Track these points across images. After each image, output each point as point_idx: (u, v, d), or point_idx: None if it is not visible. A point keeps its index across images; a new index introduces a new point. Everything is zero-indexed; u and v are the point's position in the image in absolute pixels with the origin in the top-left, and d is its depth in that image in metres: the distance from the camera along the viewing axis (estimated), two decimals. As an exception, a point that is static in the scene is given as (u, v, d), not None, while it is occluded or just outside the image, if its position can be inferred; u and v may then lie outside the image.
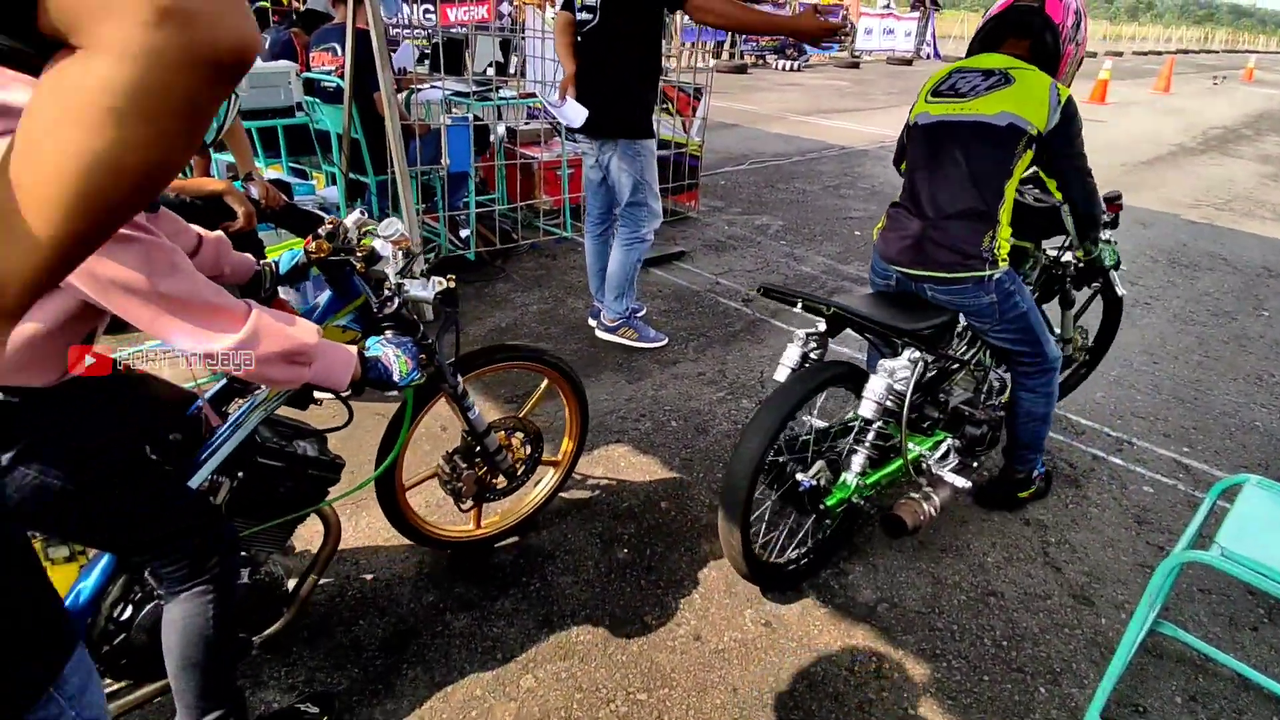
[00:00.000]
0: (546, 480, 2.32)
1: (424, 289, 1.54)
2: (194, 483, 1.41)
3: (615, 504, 2.46)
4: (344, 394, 1.36)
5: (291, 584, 1.76)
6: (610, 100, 3.08)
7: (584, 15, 3.07)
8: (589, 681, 1.83)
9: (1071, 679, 1.92)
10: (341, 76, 3.68)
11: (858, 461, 2.05)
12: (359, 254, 1.51)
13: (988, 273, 2.05)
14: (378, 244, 1.54)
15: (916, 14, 20.30)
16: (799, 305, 2.01)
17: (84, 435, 1.22)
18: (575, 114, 3.12)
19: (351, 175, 3.94)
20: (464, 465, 1.96)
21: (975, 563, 2.29)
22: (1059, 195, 2.16)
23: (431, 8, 7.83)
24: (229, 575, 1.42)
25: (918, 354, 2.02)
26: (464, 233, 4.39)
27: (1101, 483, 2.73)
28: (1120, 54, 27.45)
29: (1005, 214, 2.06)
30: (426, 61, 5.30)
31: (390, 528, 2.03)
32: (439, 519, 2.22)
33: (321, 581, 2.03)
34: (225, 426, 1.45)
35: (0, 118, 0.87)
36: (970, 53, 2.24)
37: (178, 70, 0.47)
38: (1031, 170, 2.17)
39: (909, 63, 18.99)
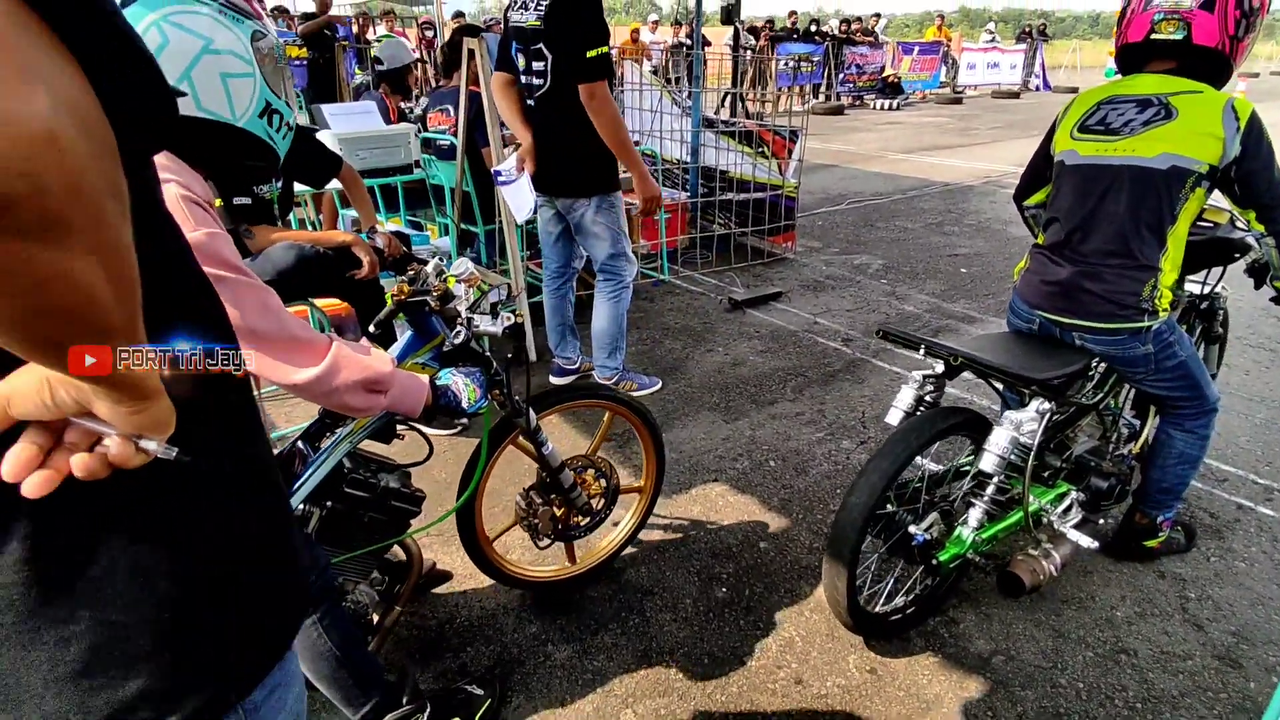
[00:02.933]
0: (631, 512, 2.35)
1: (493, 324, 1.63)
2: None
3: (713, 543, 2.45)
4: (418, 420, 1.45)
5: (376, 616, 1.85)
6: (579, 159, 3.00)
7: (535, 80, 2.98)
8: (688, 720, 1.81)
9: (1219, 749, 1.74)
10: (455, 135, 3.96)
11: (975, 516, 1.94)
12: (435, 294, 1.62)
13: (1146, 324, 1.90)
14: (451, 284, 1.65)
15: (1023, 46, 19.69)
16: (921, 350, 1.92)
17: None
18: (525, 201, 3.05)
19: (463, 225, 4.20)
20: (539, 501, 2.02)
21: (1103, 616, 2.13)
22: (1259, 228, 1.90)
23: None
24: (331, 598, 1.50)
25: (1047, 405, 1.88)
26: (566, 277, 4.55)
27: (1249, 534, 2.48)
28: (1256, 75, 25.53)
29: (1170, 261, 1.89)
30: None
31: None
32: (524, 559, 2.27)
33: (426, 610, 2.14)
34: (316, 457, 1.56)
35: None
36: (1119, 61, 2.02)
37: None
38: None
39: (1016, 95, 18.37)
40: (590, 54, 2.78)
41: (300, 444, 1.66)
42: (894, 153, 10.39)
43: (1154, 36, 1.84)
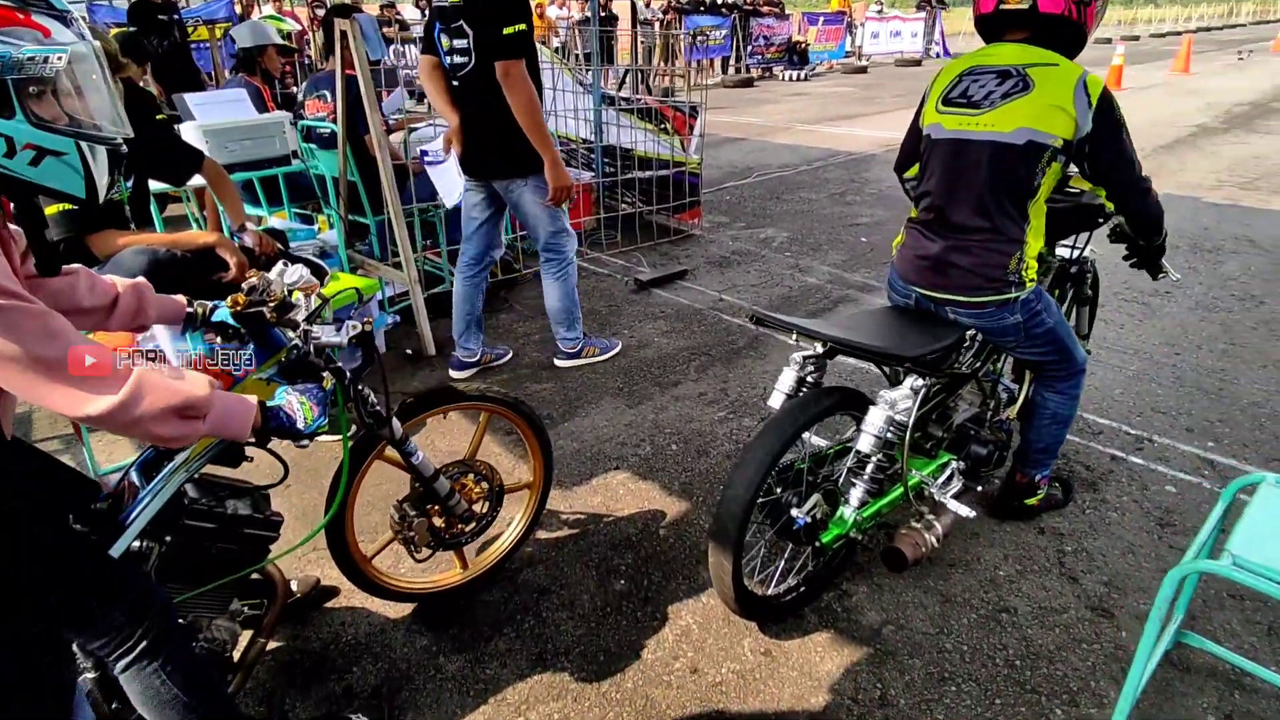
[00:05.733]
0: (522, 511, 2.28)
1: (336, 334, 1.50)
2: (116, 550, 1.38)
3: (613, 534, 2.42)
4: (249, 443, 1.34)
5: (238, 652, 1.73)
6: (509, 140, 2.94)
7: (457, 59, 2.93)
8: (582, 722, 1.78)
9: (1090, 698, 1.82)
10: (334, 121, 3.75)
11: (855, 495, 1.96)
12: (270, 304, 1.50)
13: (1014, 295, 1.93)
14: (295, 296, 1.53)
15: (923, 14, 20.18)
16: (793, 336, 1.91)
17: (2, 513, 1.20)
18: (454, 184, 2.97)
19: (351, 217, 4.00)
20: (414, 514, 1.93)
21: (986, 577, 2.20)
22: (1110, 205, 1.96)
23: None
24: (172, 640, 1.37)
25: (921, 381, 1.91)
26: (466, 266, 4.41)
27: (1120, 484, 2.61)
28: (1136, 38, 26.94)
29: (1033, 233, 1.93)
30: (426, 101, 5.37)
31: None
32: (413, 571, 2.18)
33: (310, 631, 2.03)
34: (146, 490, 1.42)
35: None
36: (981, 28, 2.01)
37: None
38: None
39: (918, 63, 18.83)
40: (507, 30, 2.73)
41: (133, 475, 1.51)
42: (801, 124, 10.51)
43: (1002, 7, 1.86)
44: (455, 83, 3.01)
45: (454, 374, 3.48)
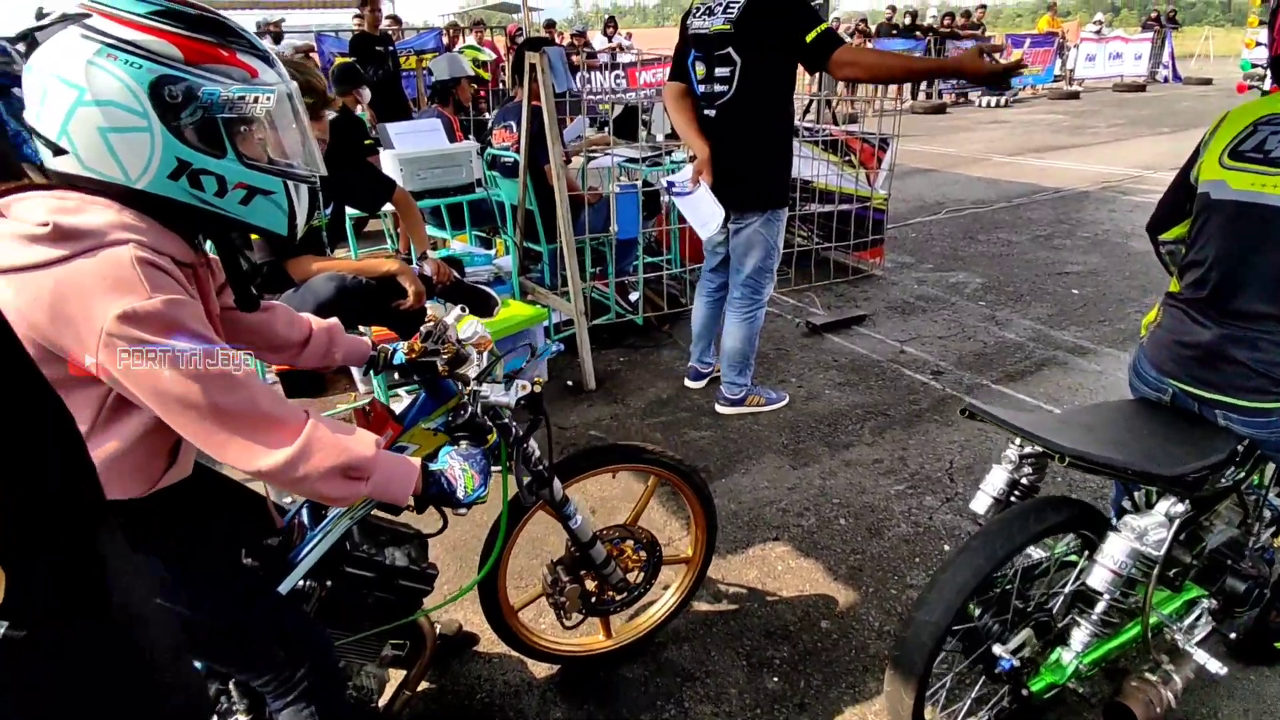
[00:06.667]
0: (676, 585, 2.11)
1: (504, 394, 1.45)
2: (283, 588, 1.39)
3: (769, 618, 2.17)
4: (408, 509, 1.28)
5: (384, 699, 1.68)
6: (754, 173, 2.91)
7: (718, 88, 2.88)
8: None
9: None
10: (518, 151, 3.82)
11: (1079, 638, 1.57)
12: (444, 355, 1.44)
13: None
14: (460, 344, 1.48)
15: (1149, 34, 18.10)
16: (1017, 441, 1.59)
17: (182, 545, 1.23)
18: (712, 214, 2.90)
19: (526, 244, 4.06)
20: (566, 578, 1.81)
21: (1243, 749, 1.73)
22: None
23: (622, 73, 8.16)
24: (328, 684, 1.37)
25: (1180, 506, 1.52)
26: (633, 296, 4.36)
27: None
28: None
29: None
30: (607, 129, 5.43)
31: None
32: (555, 629, 2.05)
33: (446, 680, 1.96)
34: (314, 531, 1.41)
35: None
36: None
37: None
38: None
39: (1142, 88, 16.87)
40: (809, 37, 2.66)
41: (304, 514, 1.51)
42: (1000, 155, 9.66)
43: None
44: (709, 112, 2.96)
45: (689, 383, 3.57)
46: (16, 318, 0.96)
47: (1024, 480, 1.63)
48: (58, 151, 1.02)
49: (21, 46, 1.03)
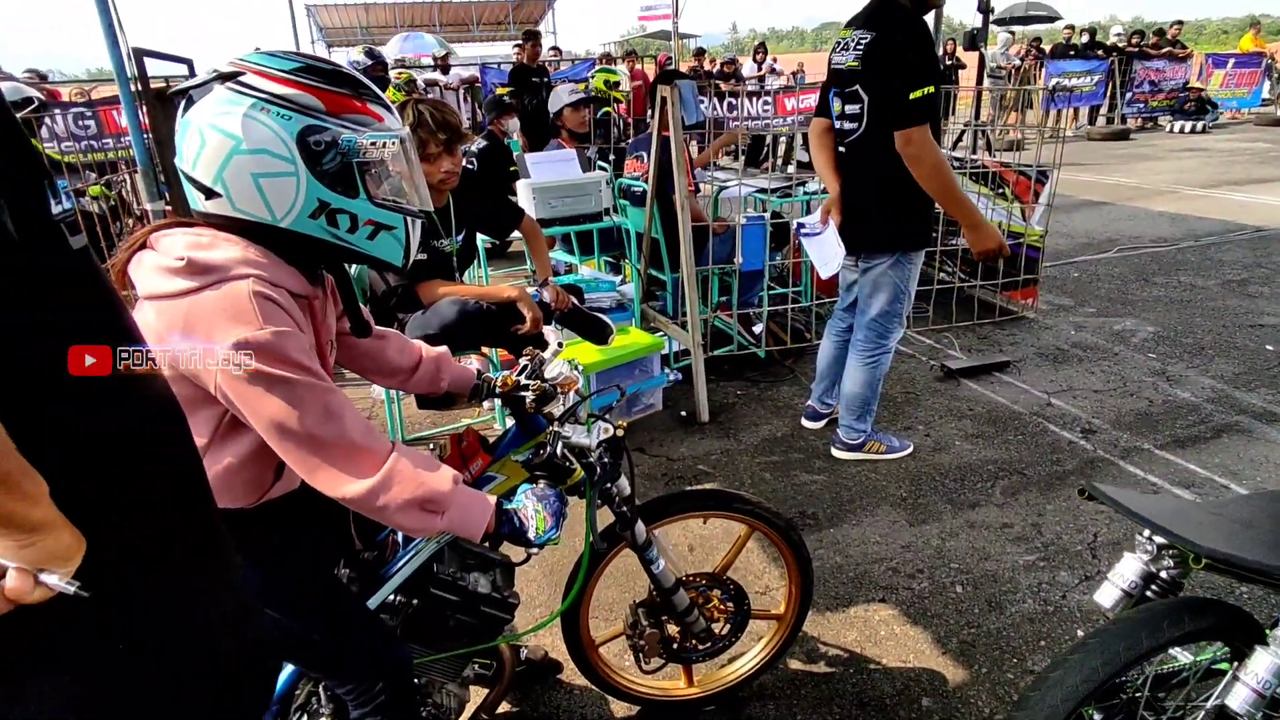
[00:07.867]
0: (766, 641, 2.01)
1: (586, 435, 1.45)
2: (373, 603, 1.45)
3: (864, 687, 2.02)
4: (479, 546, 1.30)
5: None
6: (882, 213, 2.79)
7: (849, 125, 2.78)
8: None
9: None
10: (646, 181, 3.87)
11: None
12: (533, 391, 1.46)
13: None
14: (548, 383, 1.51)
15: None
16: (1145, 534, 1.40)
17: (281, 553, 1.32)
18: (832, 255, 2.82)
19: (651, 272, 4.10)
20: (646, 622, 1.77)
21: None
22: None
23: (770, 100, 8.10)
24: (403, 701, 1.42)
25: None
26: (756, 328, 4.28)
27: None
28: None
29: None
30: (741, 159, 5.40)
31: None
32: (635, 668, 2.01)
33: (526, 707, 1.97)
34: (406, 549, 1.47)
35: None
36: None
37: None
38: None
39: (1379, 112, 14.58)
40: (914, 95, 2.54)
41: (398, 533, 1.59)
42: (1190, 187, 8.65)
43: None
44: (841, 149, 2.91)
45: (806, 423, 3.45)
46: (155, 339, 1.08)
47: (1163, 574, 1.41)
48: (210, 195, 1.14)
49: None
